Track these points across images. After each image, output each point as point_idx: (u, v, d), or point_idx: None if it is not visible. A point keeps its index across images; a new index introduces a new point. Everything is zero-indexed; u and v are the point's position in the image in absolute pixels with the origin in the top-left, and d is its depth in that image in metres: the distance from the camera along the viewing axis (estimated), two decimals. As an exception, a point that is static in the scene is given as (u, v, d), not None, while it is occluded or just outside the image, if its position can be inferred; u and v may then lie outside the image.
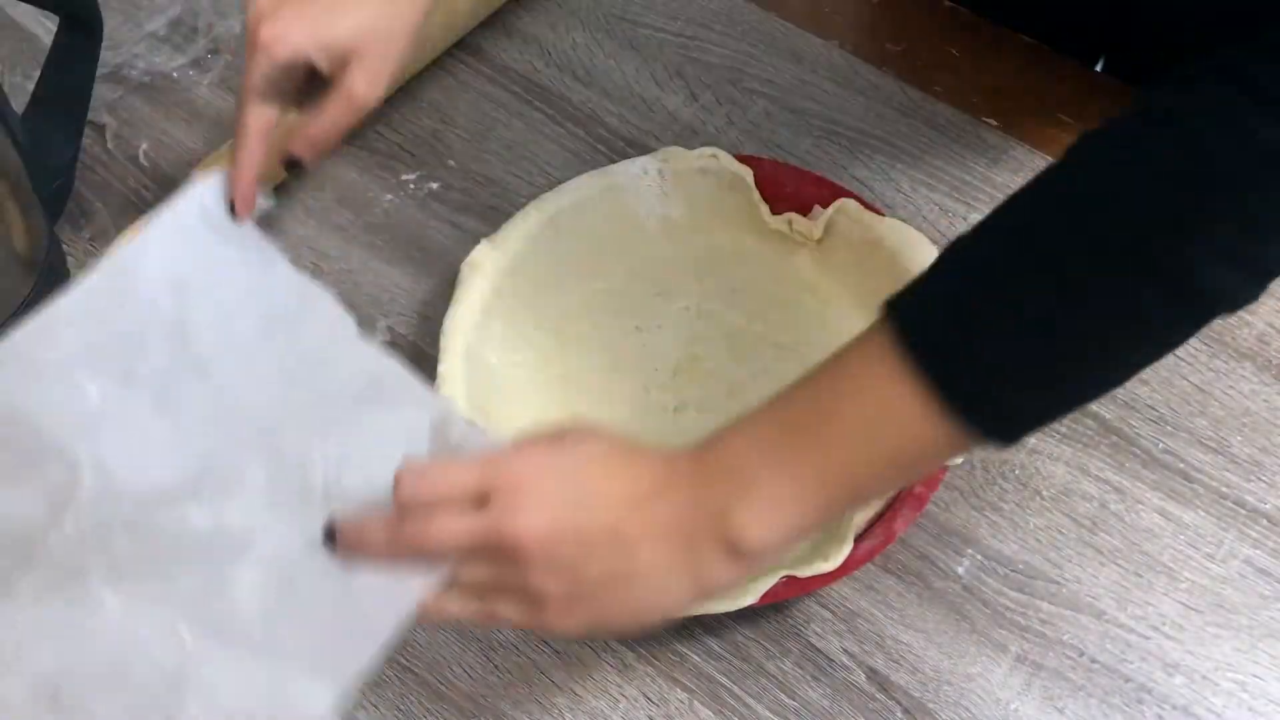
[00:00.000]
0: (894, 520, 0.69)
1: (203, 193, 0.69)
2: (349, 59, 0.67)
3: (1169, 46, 0.73)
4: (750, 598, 0.67)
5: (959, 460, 0.70)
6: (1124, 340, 0.52)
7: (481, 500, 0.55)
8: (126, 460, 0.63)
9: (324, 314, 0.68)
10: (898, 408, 0.52)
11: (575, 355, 0.80)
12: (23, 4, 0.85)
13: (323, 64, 0.67)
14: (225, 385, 0.66)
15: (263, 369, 0.67)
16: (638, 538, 0.54)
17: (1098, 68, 0.96)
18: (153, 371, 0.65)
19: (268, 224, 0.87)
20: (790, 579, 0.67)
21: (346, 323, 0.67)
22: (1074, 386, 0.54)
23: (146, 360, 0.66)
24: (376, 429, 0.64)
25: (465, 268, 0.78)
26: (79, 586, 0.61)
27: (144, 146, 0.91)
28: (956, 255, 0.55)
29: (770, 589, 0.67)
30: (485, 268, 0.78)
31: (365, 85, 0.67)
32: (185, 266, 0.68)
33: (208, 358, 0.67)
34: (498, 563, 0.55)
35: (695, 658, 0.71)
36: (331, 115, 0.68)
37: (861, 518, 0.70)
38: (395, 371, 0.65)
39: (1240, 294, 0.51)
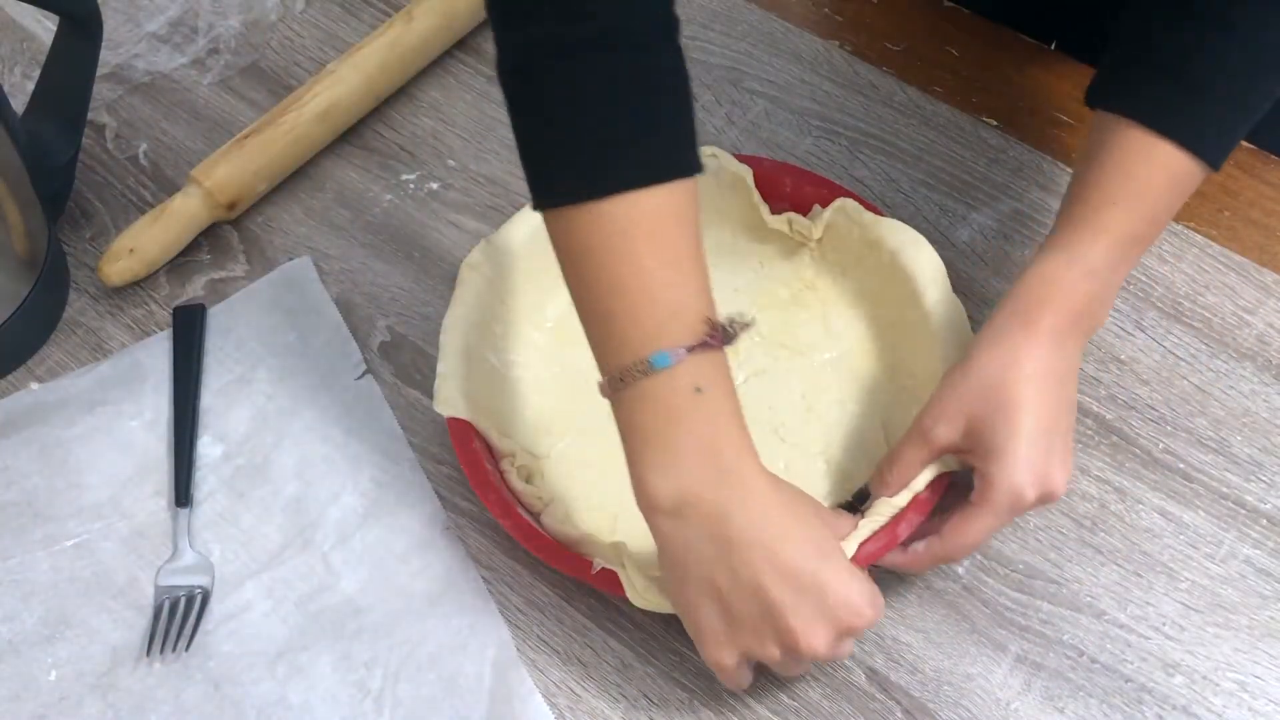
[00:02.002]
0: (898, 524, 0.69)
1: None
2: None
3: None
4: None
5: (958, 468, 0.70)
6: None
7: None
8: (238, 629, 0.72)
9: (423, 506, 0.76)
10: (1176, 174, 0.67)
11: (574, 355, 0.80)
12: (23, 4, 0.85)
13: None
14: (329, 562, 0.74)
15: (357, 552, 0.74)
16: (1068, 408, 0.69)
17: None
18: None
19: (300, 289, 0.87)
20: None
21: (440, 515, 0.76)
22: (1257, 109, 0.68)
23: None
24: (439, 640, 0.71)
25: (464, 268, 0.78)
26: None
27: (144, 146, 0.91)
28: (1142, 42, 0.68)
29: None
30: (484, 268, 0.78)
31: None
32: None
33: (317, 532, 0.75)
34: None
35: (695, 658, 0.71)
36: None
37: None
38: (472, 581, 0.73)
39: None
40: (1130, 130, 0.67)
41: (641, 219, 0.60)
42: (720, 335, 0.61)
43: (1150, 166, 0.67)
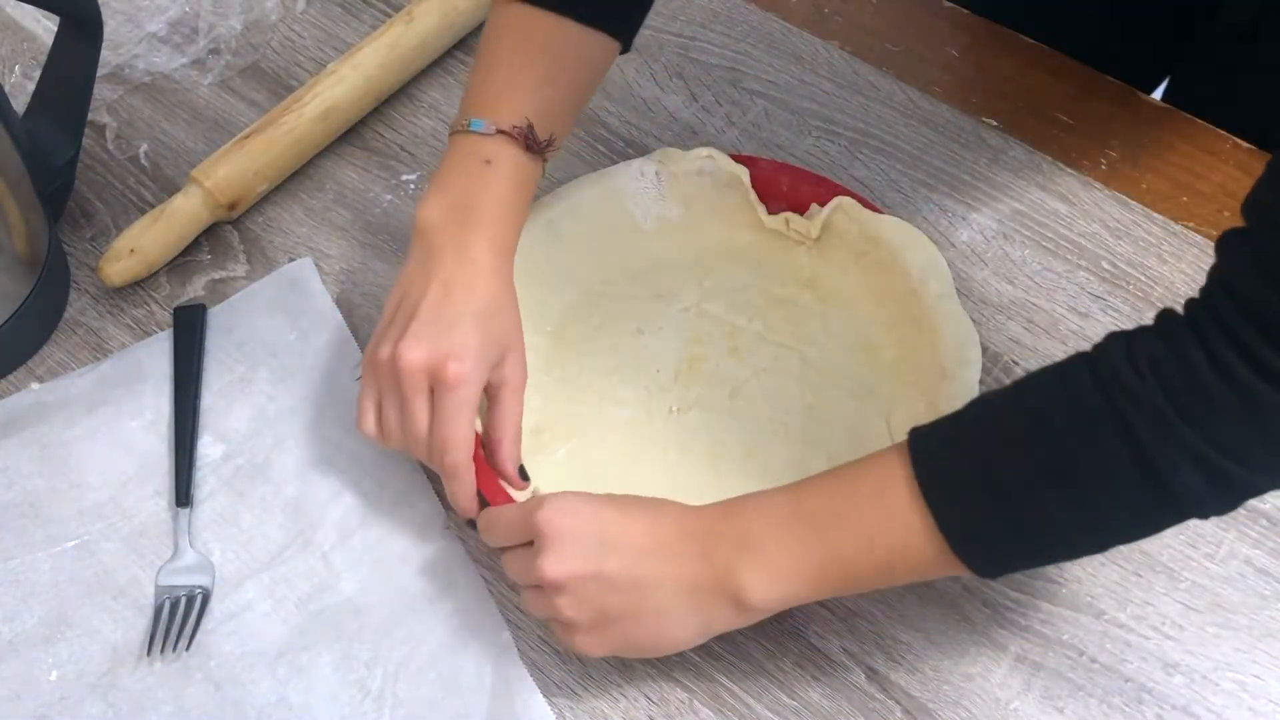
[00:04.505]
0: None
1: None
2: (504, 367, 0.72)
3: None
4: None
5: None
6: (1098, 523, 0.59)
7: (531, 542, 0.66)
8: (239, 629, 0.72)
9: (423, 505, 0.76)
10: (899, 524, 0.61)
11: (576, 358, 0.80)
12: (23, 4, 0.85)
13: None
14: (329, 562, 0.74)
15: (358, 552, 0.74)
16: (652, 584, 0.64)
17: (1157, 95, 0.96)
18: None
19: (301, 289, 0.87)
20: None
21: (439, 514, 0.75)
22: (1048, 550, 0.62)
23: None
24: (439, 640, 0.71)
25: (465, 268, 0.78)
26: None
27: (144, 146, 0.91)
28: (977, 411, 0.62)
29: None
30: (485, 268, 0.78)
31: (521, 373, 0.73)
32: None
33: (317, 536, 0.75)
34: (543, 595, 0.65)
35: (695, 658, 0.71)
36: (513, 410, 0.73)
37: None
38: (472, 581, 0.73)
39: (1209, 503, 0.56)
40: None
41: (535, 31, 0.73)
42: (526, 137, 0.72)
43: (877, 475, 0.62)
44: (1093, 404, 0.56)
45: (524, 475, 0.73)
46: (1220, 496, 0.56)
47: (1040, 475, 0.58)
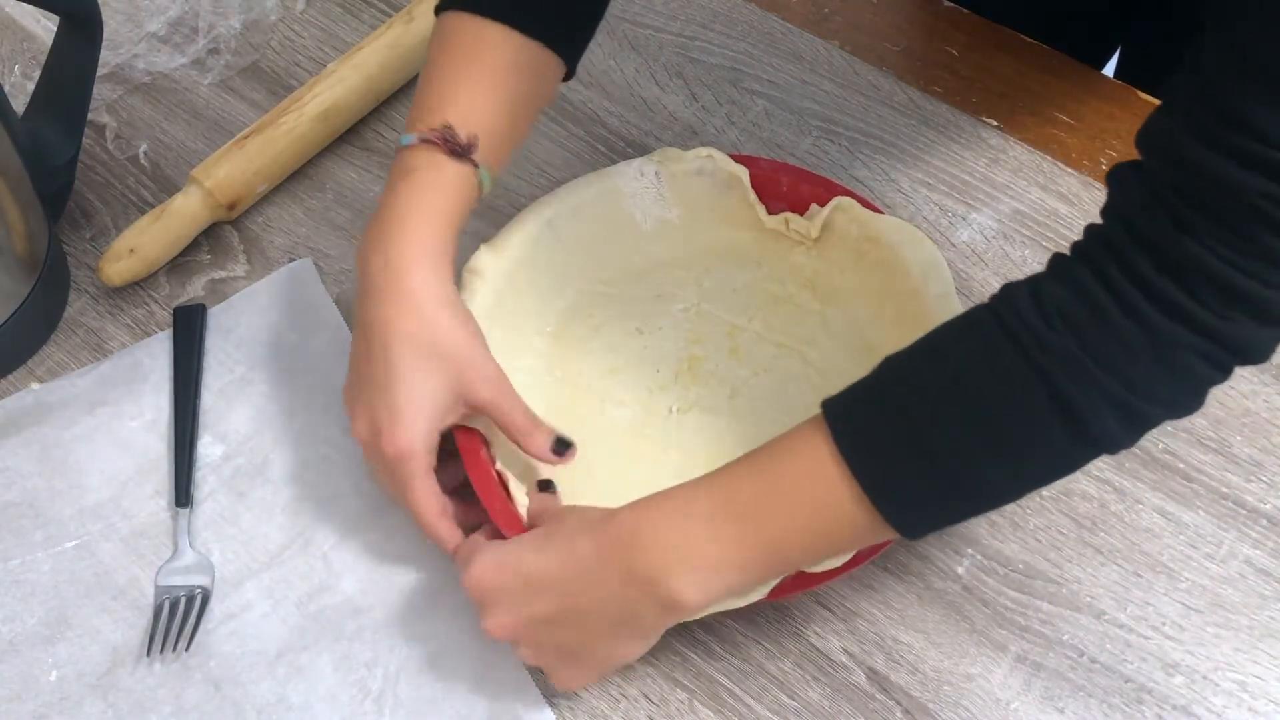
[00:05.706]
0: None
1: None
2: (465, 392, 0.70)
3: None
4: (758, 594, 0.67)
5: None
6: (1021, 473, 0.59)
7: None
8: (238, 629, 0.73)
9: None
10: (830, 498, 0.60)
11: (576, 359, 0.80)
12: (23, 4, 0.85)
13: (458, 420, 0.71)
14: (329, 562, 0.74)
15: (357, 552, 0.74)
16: (585, 610, 0.63)
17: (1107, 70, 0.97)
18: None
19: (301, 289, 0.87)
20: (799, 574, 0.67)
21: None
22: (973, 503, 0.62)
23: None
24: (439, 640, 0.71)
25: (465, 272, 0.78)
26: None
27: (144, 146, 0.91)
28: (889, 371, 0.61)
29: (778, 584, 0.67)
30: (485, 273, 0.78)
31: (489, 385, 0.71)
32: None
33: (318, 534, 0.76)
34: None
35: (695, 658, 0.71)
36: (508, 414, 0.71)
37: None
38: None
39: (1122, 440, 0.57)
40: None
41: (475, 41, 0.72)
42: (445, 139, 0.70)
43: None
44: (1009, 360, 0.56)
45: (564, 445, 0.72)
46: (1132, 434, 0.57)
47: (964, 435, 0.57)
